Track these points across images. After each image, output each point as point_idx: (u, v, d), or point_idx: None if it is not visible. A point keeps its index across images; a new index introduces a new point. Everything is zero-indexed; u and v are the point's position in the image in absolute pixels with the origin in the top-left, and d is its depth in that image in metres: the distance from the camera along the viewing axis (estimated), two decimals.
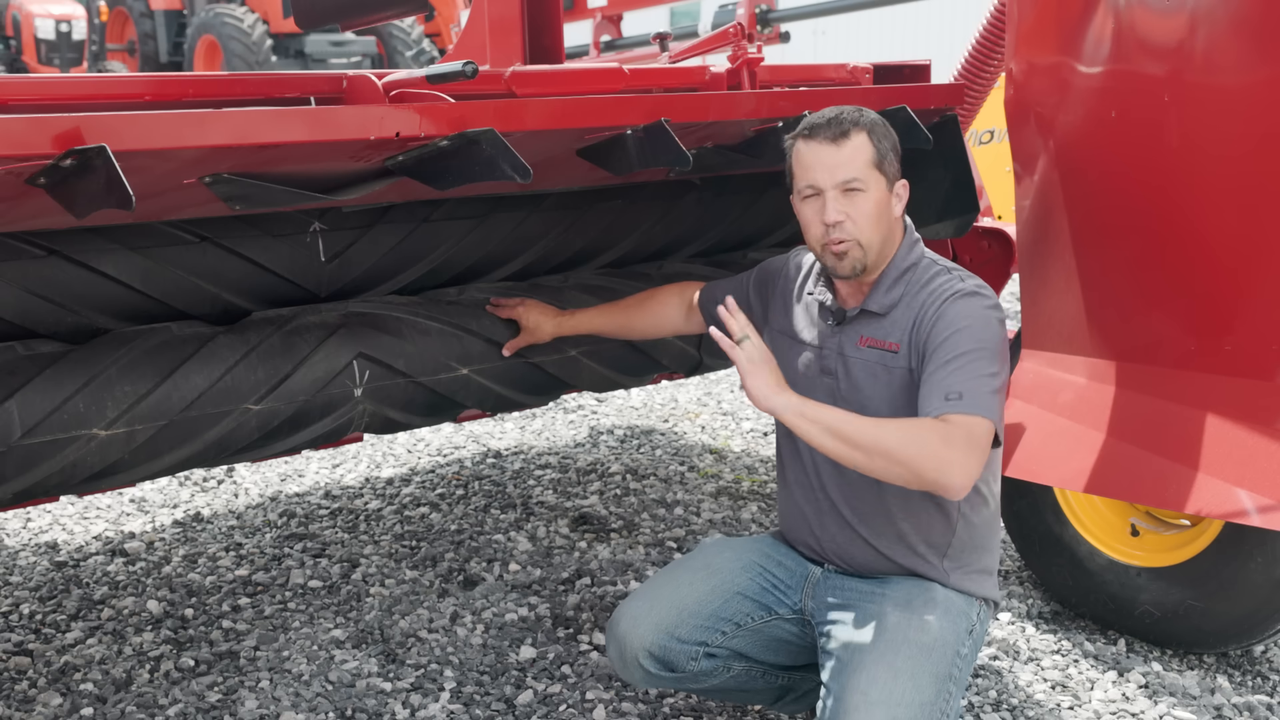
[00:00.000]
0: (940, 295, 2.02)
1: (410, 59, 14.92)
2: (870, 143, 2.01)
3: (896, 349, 2.05)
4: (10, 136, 1.54)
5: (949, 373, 1.91)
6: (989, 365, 1.93)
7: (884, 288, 2.07)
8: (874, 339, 2.08)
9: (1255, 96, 2.10)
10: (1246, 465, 2.20)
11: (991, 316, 2.00)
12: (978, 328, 1.96)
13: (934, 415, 1.88)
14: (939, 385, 1.91)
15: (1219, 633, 2.63)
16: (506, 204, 2.65)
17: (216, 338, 2.26)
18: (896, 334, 2.05)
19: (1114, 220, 2.40)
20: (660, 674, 2.14)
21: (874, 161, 2.01)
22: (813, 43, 14.08)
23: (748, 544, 2.29)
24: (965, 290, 2.01)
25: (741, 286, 2.39)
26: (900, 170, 2.09)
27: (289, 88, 2.42)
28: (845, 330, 2.12)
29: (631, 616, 2.14)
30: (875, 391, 2.06)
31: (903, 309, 2.06)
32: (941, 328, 1.97)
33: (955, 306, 1.99)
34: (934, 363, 1.95)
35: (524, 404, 2.80)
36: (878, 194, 2.02)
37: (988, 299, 2.02)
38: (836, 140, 2.01)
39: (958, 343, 1.94)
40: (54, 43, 16.50)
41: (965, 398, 1.87)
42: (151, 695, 2.62)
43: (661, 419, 4.83)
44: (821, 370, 2.14)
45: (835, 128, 2.01)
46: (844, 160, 2.00)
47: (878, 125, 2.05)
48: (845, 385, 2.10)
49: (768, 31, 5.49)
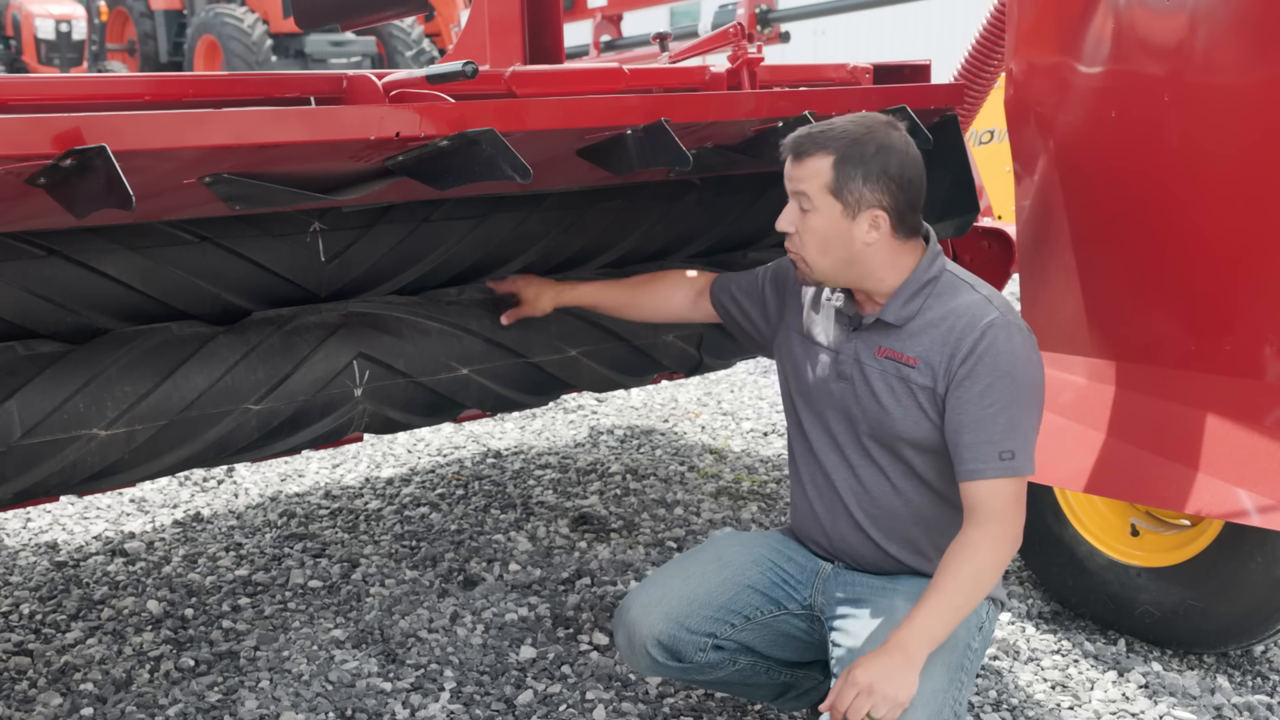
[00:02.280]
0: (976, 323, 1.98)
1: (410, 59, 14.92)
2: (831, 168, 1.96)
3: (915, 364, 2.02)
4: (10, 136, 1.54)
5: (1000, 426, 1.94)
6: (1035, 412, 2.00)
7: (901, 300, 2.04)
8: (891, 350, 2.06)
9: (1255, 96, 2.10)
10: (1246, 465, 2.20)
11: (1033, 355, 2.01)
12: (1022, 372, 1.97)
13: (988, 475, 1.94)
14: (993, 440, 1.94)
15: (1219, 633, 2.63)
16: (506, 204, 2.65)
17: (216, 338, 2.25)
18: (916, 349, 2.03)
19: (1114, 220, 2.41)
20: (667, 663, 2.15)
21: (829, 187, 1.97)
22: (813, 43, 14.09)
23: (758, 538, 2.29)
24: (1000, 320, 1.98)
25: (756, 282, 2.37)
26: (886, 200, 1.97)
27: (289, 88, 2.42)
28: (862, 337, 2.10)
29: (642, 605, 2.14)
30: (893, 404, 2.05)
31: (922, 323, 2.03)
32: (985, 369, 1.96)
33: (996, 342, 1.97)
34: (980, 407, 1.95)
35: (524, 404, 2.80)
36: (827, 219, 1.98)
37: (1023, 328, 2.02)
38: (797, 156, 2.00)
39: (1005, 390, 1.95)
40: (54, 43, 16.51)
41: (1017, 457, 1.94)
42: (151, 695, 2.62)
43: (661, 419, 4.83)
44: (838, 375, 2.13)
45: (798, 145, 2.00)
46: (800, 176, 2.00)
47: (853, 153, 1.95)
48: (862, 392, 2.09)
49: (768, 31, 5.49)
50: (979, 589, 1.91)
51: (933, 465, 2.06)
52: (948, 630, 1.88)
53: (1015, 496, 1.95)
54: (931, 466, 2.07)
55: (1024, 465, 1.95)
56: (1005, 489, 1.94)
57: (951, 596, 1.88)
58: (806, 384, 2.19)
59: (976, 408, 1.95)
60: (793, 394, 2.25)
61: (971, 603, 1.90)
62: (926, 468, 2.07)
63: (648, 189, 2.87)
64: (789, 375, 2.26)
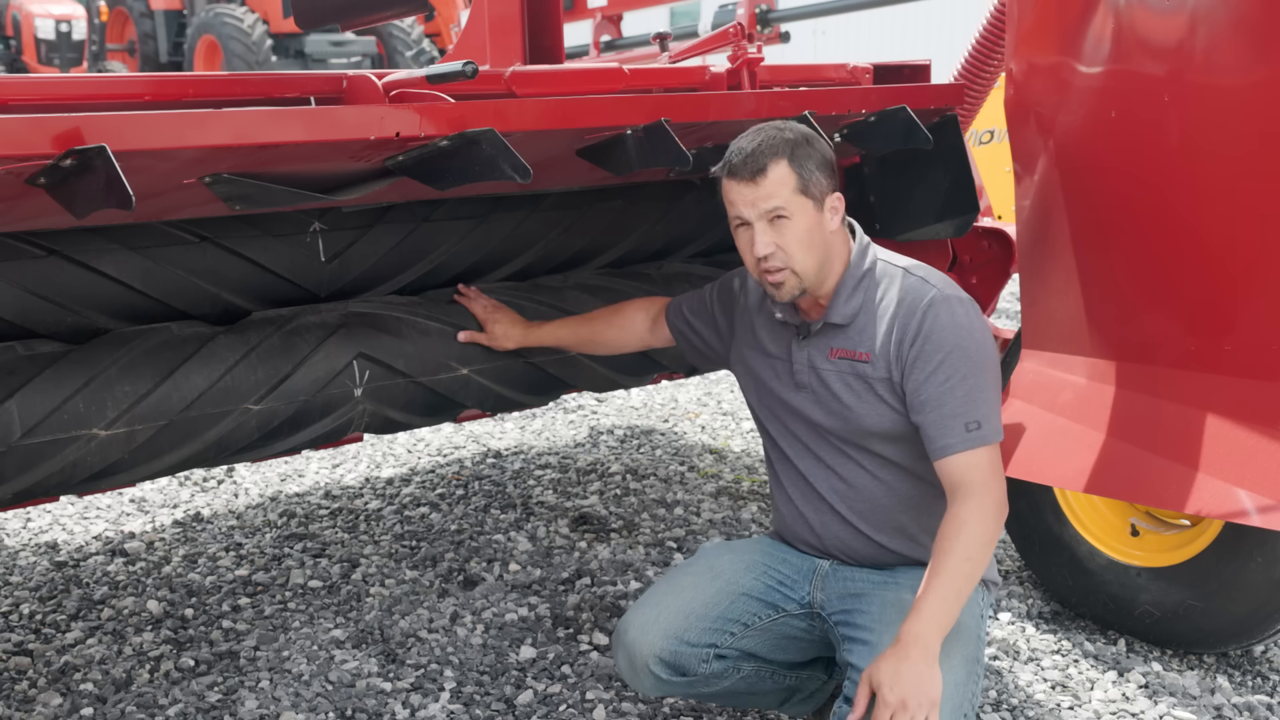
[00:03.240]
0: (917, 305, 2.01)
1: (410, 59, 14.92)
2: (791, 170, 1.97)
3: (867, 358, 2.05)
4: (10, 136, 1.54)
5: (959, 399, 1.95)
6: (991, 378, 2.00)
7: (843, 298, 2.07)
8: (843, 350, 2.09)
9: (1255, 96, 2.10)
10: (1246, 465, 2.20)
11: (976, 321, 2.02)
12: (970, 342, 1.99)
13: (957, 449, 1.94)
14: (956, 414, 1.95)
15: (1219, 633, 2.63)
16: (506, 204, 2.65)
17: (216, 338, 2.26)
18: (865, 343, 2.06)
19: (1114, 220, 2.40)
20: (671, 679, 2.14)
21: (797, 188, 1.98)
22: (813, 43, 14.09)
23: (748, 545, 2.30)
24: (939, 296, 2.01)
25: (705, 302, 2.39)
26: (833, 182, 2.03)
27: (289, 88, 2.42)
28: (813, 343, 2.13)
29: (639, 625, 2.14)
30: (855, 401, 2.07)
31: (866, 316, 2.06)
32: (934, 347, 1.98)
33: (939, 319, 1.99)
34: (937, 384, 1.97)
35: (524, 404, 2.80)
36: (806, 220, 1.99)
37: (962, 299, 2.04)
38: (754, 178, 1.98)
39: (957, 364, 1.97)
40: (54, 43, 16.50)
41: (984, 425, 1.95)
42: (151, 695, 2.62)
43: (661, 419, 4.83)
44: (795, 385, 2.16)
45: (752, 164, 1.98)
46: (766, 193, 1.98)
47: (800, 147, 1.99)
48: (823, 396, 2.11)
49: (768, 31, 5.49)
50: (976, 566, 1.89)
51: (907, 452, 2.08)
52: (955, 613, 1.86)
53: (991, 465, 1.95)
54: (906, 453, 2.09)
55: (991, 433, 1.96)
56: (979, 459, 1.94)
57: (951, 578, 1.86)
58: (767, 397, 2.22)
59: (933, 386, 1.97)
60: (755, 406, 2.28)
61: (972, 581, 1.89)
62: (902, 455, 2.09)
63: (647, 189, 2.87)
64: (749, 389, 2.29)
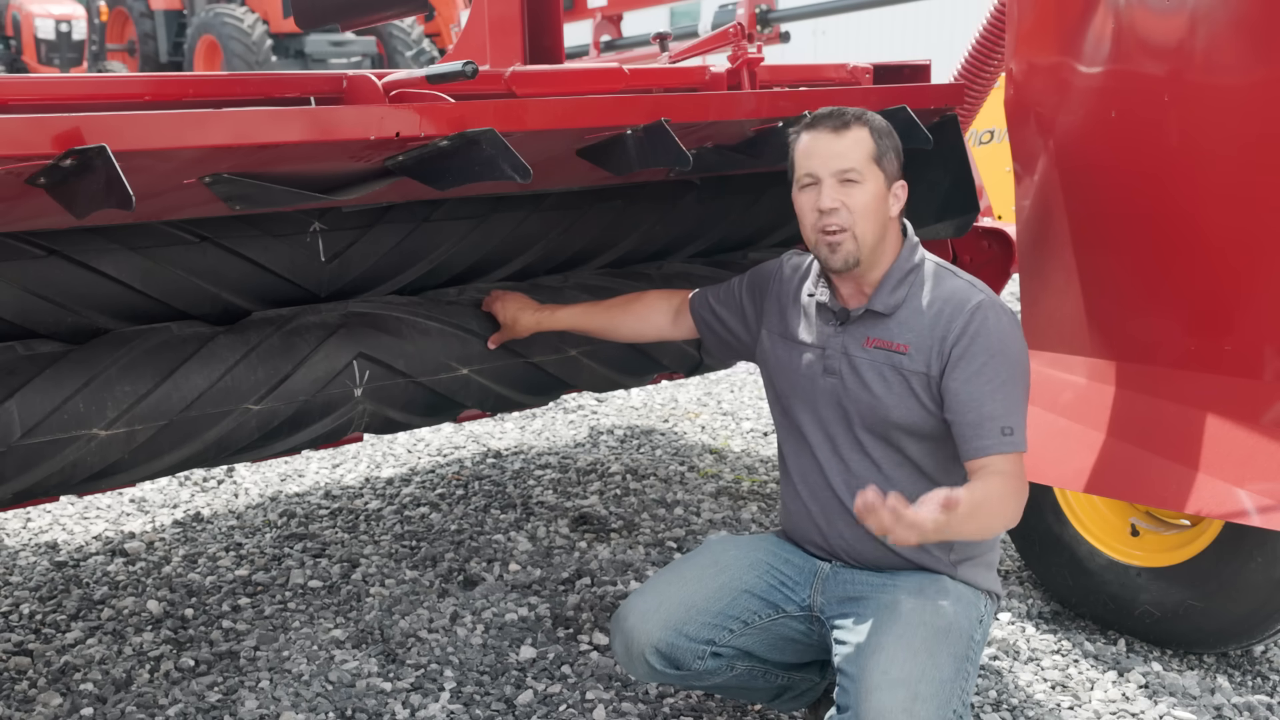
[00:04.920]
0: (964, 305, 2.05)
1: (410, 59, 14.92)
2: (871, 138, 2.05)
3: (906, 350, 2.06)
4: (10, 136, 1.54)
5: (999, 403, 1.99)
6: (1024, 391, 2.05)
7: (888, 288, 2.09)
8: (881, 340, 2.09)
9: (1255, 96, 2.10)
10: (1246, 465, 2.20)
11: (1019, 333, 2.08)
12: (1015, 350, 2.04)
13: (992, 451, 1.97)
14: (994, 417, 1.98)
15: (1219, 633, 2.63)
16: (506, 204, 2.65)
17: (216, 338, 2.25)
18: (906, 335, 2.07)
19: (1114, 220, 2.41)
20: (665, 671, 2.15)
21: (873, 155, 2.04)
22: (813, 43, 14.08)
23: (753, 542, 2.29)
24: (988, 301, 2.06)
25: (733, 292, 2.39)
26: (900, 173, 2.12)
27: (289, 88, 2.42)
28: (849, 330, 2.13)
29: (640, 613, 2.14)
30: (886, 392, 2.08)
31: (910, 310, 2.08)
32: (980, 348, 2.01)
33: (986, 321, 2.03)
34: (979, 385, 2.00)
35: (524, 404, 2.80)
36: (874, 188, 2.05)
37: (1009, 309, 2.09)
38: (838, 130, 2.05)
39: (999, 368, 2.00)
40: (54, 43, 16.50)
41: (1015, 433, 1.99)
42: (151, 695, 2.62)
43: (661, 419, 4.83)
44: (825, 370, 2.15)
45: (838, 118, 2.06)
46: (843, 150, 2.04)
47: (880, 125, 2.09)
48: (852, 384, 2.11)
49: (768, 31, 5.49)
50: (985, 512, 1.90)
51: (927, 452, 2.09)
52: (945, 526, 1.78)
53: (1019, 472, 1.99)
54: (926, 453, 2.09)
55: (1022, 441, 2.00)
56: (1010, 464, 1.98)
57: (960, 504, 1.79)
58: (792, 383, 2.21)
59: (975, 386, 2.00)
60: (779, 395, 2.27)
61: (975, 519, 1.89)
62: (920, 454, 2.09)
63: (648, 189, 2.87)
64: (773, 377, 2.28)
